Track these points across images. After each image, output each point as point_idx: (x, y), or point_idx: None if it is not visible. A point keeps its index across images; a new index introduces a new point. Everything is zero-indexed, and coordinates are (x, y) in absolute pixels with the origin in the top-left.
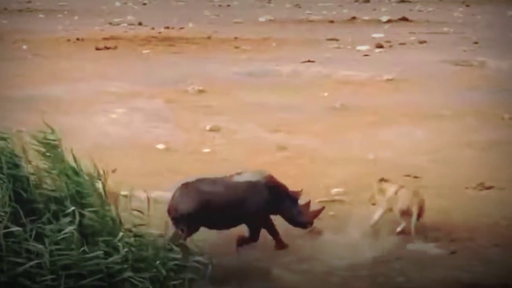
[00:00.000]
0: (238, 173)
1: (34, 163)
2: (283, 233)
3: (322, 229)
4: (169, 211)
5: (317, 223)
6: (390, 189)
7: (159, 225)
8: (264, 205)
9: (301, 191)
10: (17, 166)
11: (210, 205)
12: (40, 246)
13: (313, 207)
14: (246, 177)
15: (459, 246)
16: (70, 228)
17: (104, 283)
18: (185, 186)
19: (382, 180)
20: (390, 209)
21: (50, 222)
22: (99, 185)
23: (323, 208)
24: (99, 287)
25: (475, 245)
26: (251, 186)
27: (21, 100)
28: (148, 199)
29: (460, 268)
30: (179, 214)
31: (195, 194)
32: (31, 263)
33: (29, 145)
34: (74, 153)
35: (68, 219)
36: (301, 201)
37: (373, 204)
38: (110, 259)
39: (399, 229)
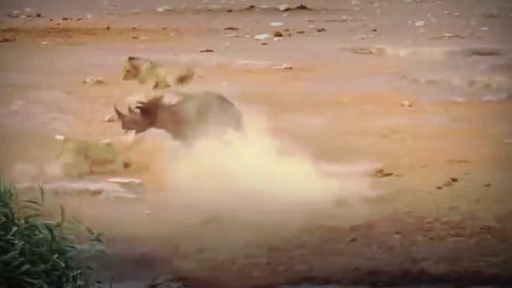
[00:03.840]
0: None
1: None
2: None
3: None
4: None
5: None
6: (144, 64)
7: (57, 216)
8: None
9: None
10: None
11: None
12: None
13: None
14: None
15: (359, 234)
16: None
17: (2, 279)
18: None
19: (131, 58)
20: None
21: None
22: None
23: None
24: None
25: (375, 232)
26: None
27: None
28: (41, 189)
29: (361, 256)
30: None
31: None
32: None
33: None
34: None
35: None
36: None
37: (127, 80)
38: (7, 256)
39: None
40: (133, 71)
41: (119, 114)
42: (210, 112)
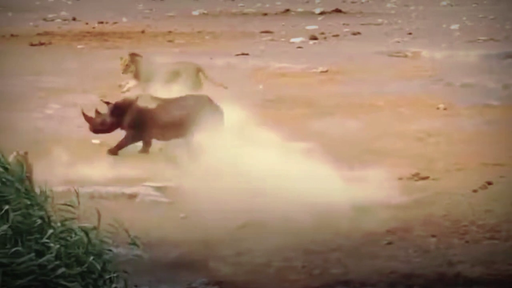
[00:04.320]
0: None
1: None
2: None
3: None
4: None
5: None
6: (142, 60)
7: (93, 220)
8: None
9: None
10: None
11: None
12: None
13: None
14: None
15: (395, 237)
16: (4, 227)
17: (37, 283)
18: None
19: (132, 54)
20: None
21: None
22: (27, 182)
23: None
24: (33, 286)
25: (411, 235)
26: None
27: None
28: (77, 192)
29: (397, 259)
30: None
31: None
32: None
33: None
34: (4, 150)
35: None
36: None
37: (125, 74)
38: (43, 259)
39: None
40: (132, 66)
41: (87, 117)
42: (201, 115)
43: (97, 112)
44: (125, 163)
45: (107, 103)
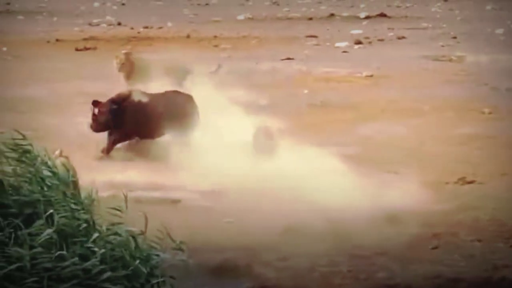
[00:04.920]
0: None
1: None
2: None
3: None
4: None
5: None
6: (138, 60)
7: (140, 225)
8: None
9: None
10: None
11: None
12: (21, 250)
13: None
14: None
15: (441, 241)
16: (49, 231)
17: (82, 287)
18: None
19: (127, 53)
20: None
21: (26, 226)
22: (72, 186)
23: None
24: None
25: (457, 239)
26: None
27: (1, 101)
28: (126, 196)
29: (442, 263)
30: None
31: None
32: (12, 266)
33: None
34: (51, 154)
35: (41, 221)
36: None
37: (121, 72)
38: (87, 263)
39: None
40: (127, 65)
41: (94, 115)
42: (187, 112)
43: (99, 111)
44: (166, 167)
45: (97, 102)
